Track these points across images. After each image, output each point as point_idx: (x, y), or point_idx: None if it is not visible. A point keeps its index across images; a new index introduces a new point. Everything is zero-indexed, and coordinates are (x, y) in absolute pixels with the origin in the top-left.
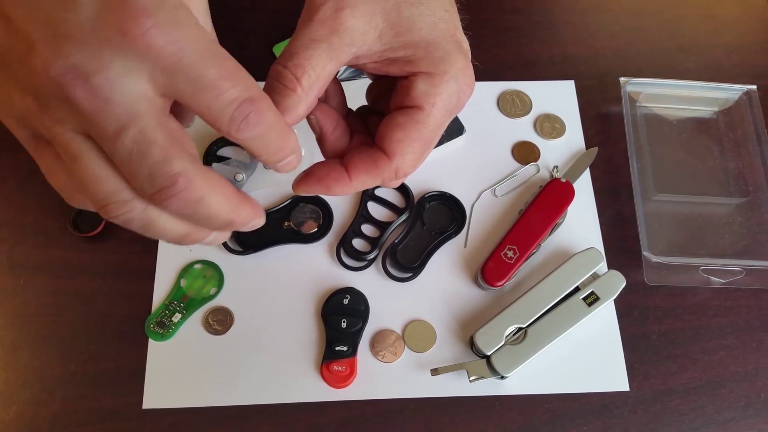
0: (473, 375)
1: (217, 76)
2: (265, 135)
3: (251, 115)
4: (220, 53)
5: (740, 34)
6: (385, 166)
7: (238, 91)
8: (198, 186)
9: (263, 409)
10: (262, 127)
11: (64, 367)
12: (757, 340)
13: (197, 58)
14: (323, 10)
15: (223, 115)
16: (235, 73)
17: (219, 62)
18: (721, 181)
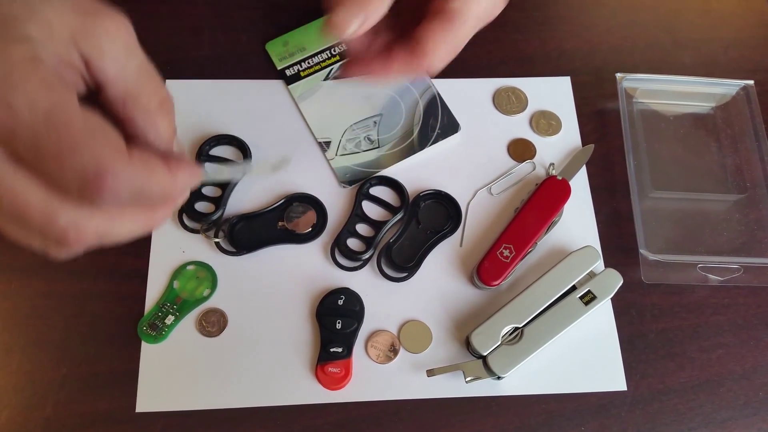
0: (469, 375)
1: (56, 151)
2: (133, 197)
3: (104, 191)
4: (65, 118)
5: (737, 28)
6: (418, 59)
7: (81, 163)
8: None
9: (257, 411)
10: (121, 196)
11: (56, 371)
12: (756, 338)
13: (30, 125)
14: None
15: (71, 187)
16: (78, 143)
17: (58, 133)
18: (718, 178)
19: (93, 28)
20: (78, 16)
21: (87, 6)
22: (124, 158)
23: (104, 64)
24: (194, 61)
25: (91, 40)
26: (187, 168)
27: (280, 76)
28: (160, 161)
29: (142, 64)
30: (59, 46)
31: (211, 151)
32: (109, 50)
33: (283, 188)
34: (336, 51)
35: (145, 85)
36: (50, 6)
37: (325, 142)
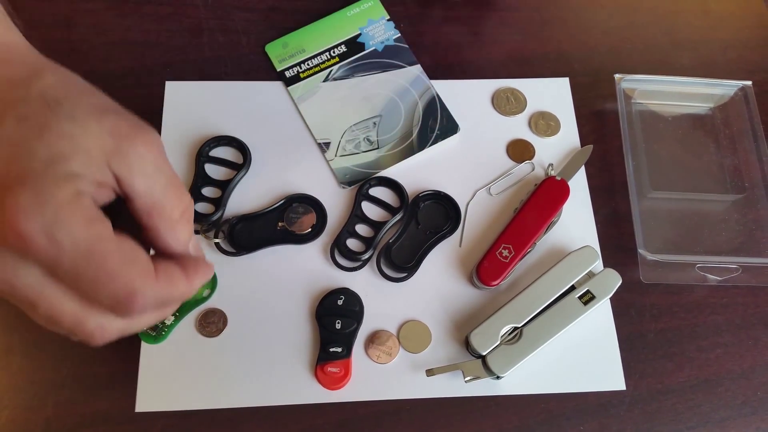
0: (469, 375)
1: (93, 279)
2: (156, 307)
3: (133, 309)
4: (103, 250)
5: (735, 29)
6: None
7: (115, 288)
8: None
9: (257, 411)
10: (147, 309)
11: (56, 371)
12: (754, 337)
13: (71, 258)
14: None
15: (103, 304)
16: (114, 271)
17: (96, 265)
18: (717, 178)
19: (126, 151)
20: (114, 140)
21: (123, 129)
22: (152, 279)
23: (134, 182)
24: (194, 62)
25: (124, 162)
26: (201, 271)
27: (280, 77)
28: (180, 272)
29: (168, 179)
30: (96, 171)
31: (211, 152)
32: (138, 170)
33: (282, 189)
34: (335, 53)
35: (170, 198)
36: (90, 134)
37: (325, 143)
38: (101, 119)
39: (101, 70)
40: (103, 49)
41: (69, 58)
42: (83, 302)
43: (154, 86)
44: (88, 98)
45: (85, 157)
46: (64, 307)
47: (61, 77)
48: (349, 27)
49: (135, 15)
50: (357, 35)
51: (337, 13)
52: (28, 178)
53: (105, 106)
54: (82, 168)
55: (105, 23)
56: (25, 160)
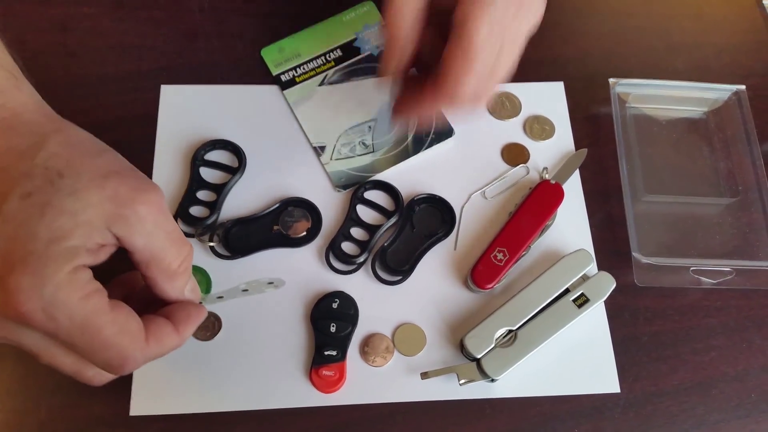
0: (463, 378)
1: (88, 348)
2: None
3: (124, 371)
4: (98, 324)
5: (729, 34)
6: (442, 87)
7: (108, 357)
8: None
9: (252, 415)
10: (137, 368)
11: (49, 375)
12: (748, 340)
13: (68, 332)
14: None
15: (98, 366)
16: (107, 342)
17: (91, 338)
18: (711, 182)
19: (126, 214)
20: (114, 206)
21: (123, 193)
22: (143, 345)
23: (133, 241)
24: (190, 66)
25: (124, 224)
26: (192, 321)
27: (276, 81)
28: (171, 329)
29: (167, 234)
30: (97, 236)
31: (206, 156)
32: (138, 230)
33: (278, 192)
34: (331, 57)
35: (168, 251)
36: (91, 206)
37: (320, 147)
38: (103, 186)
39: (97, 73)
40: (99, 53)
41: (65, 62)
42: (81, 359)
43: (150, 90)
44: (92, 162)
45: (85, 229)
46: (64, 360)
47: (65, 143)
48: (345, 32)
49: (131, 19)
50: (353, 40)
51: (333, 18)
52: (30, 258)
53: (108, 169)
54: (81, 240)
55: (101, 27)
56: (28, 240)
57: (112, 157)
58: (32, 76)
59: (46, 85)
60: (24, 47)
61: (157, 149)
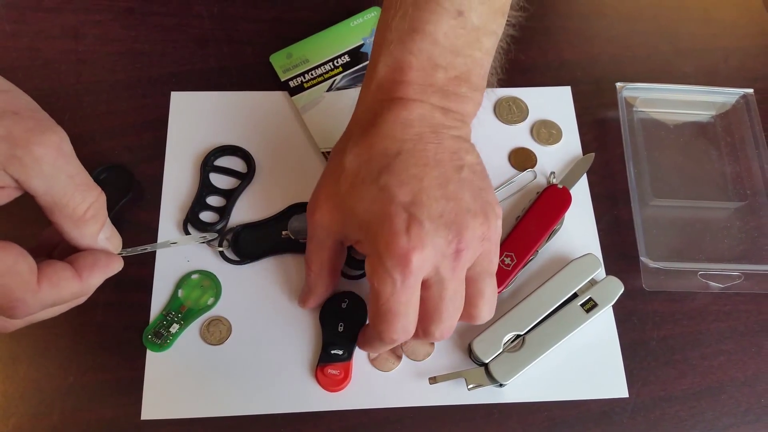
0: (471, 383)
1: None
2: (45, 307)
3: (16, 315)
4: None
5: (737, 37)
6: (371, 334)
7: None
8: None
9: (261, 418)
10: (32, 313)
11: (62, 379)
12: (757, 344)
13: None
14: (308, 212)
15: None
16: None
17: None
18: (719, 186)
19: (21, 155)
20: (7, 146)
21: (17, 133)
22: (32, 289)
23: (32, 184)
24: (199, 73)
25: (19, 166)
26: (99, 268)
27: (284, 87)
28: (70, 274)
29: (70, 177)
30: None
31: (215, 162)
32: (35, 173)
33: (286, 198)
34: (339, 63)
35: (72, 196)
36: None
37: (328, 153)
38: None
39: (108, 80)
40: (110, 59)
41: (77, 68)
42: None
43: (160, 96)
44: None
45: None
46: None
47: None
48: (353, 37)
49: (141, 26)
50: (360, 45)
51: (341, 23)
52: None
53: (2, 108)
54: None
55: (111, 34)
56: None
57: (11, 96)
58: (45, 83)
59: (58, 92)
60: (36, 55)
61: (168, 155)
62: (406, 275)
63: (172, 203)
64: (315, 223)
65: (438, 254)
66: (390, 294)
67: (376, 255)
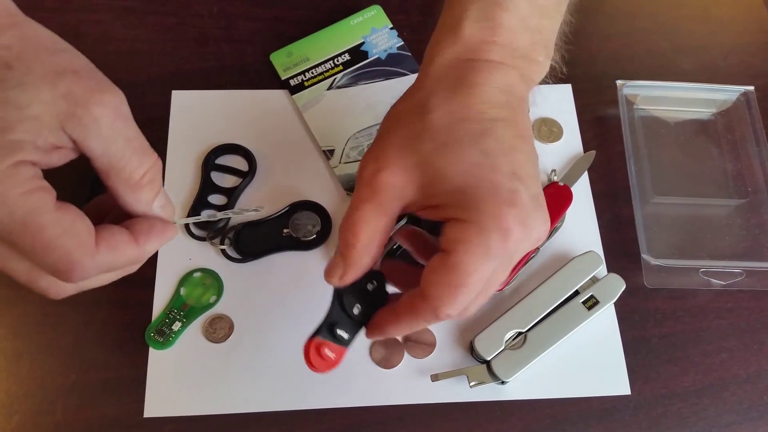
0: (473, 380)
1: (30, 248)
2: (101, 272)
3: (73, 278)
4: (39, 222)
5: (737, 34)
6: (421, 308)
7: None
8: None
9: (264, 416)
10: (89, 277)
11: (65, 377)
12: (759, 341)
13: (8, 228)
14: (366, 172)
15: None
16: (50, 243)
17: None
18: (719, 183)
19: (80, 115)
20: (67, 104)
21: (78, 92)
22: (91, 251)
23: (90, 144)
24: (200, 71)
25: (78, 125)
26: (156, 235)
27: (285, 85)
28: (128, 239)
29: (128, 140)
30: (48, 135)
31: (217, 160)
32: (93, 133)
33: (287, 196)
34: (339, 61)
35: (129, 160)
36: (40, 101)
37: (329, 151)
38: (55, 83)
39: (109, 79)
40: (111, 58)
41: None
42: (31, 265)
43: (161, 95)
44: (47, 59)
45: (32, 124)
46: (15, 265)
47: (20, 37)
48: (353, 36)
49: (142, 25)
50: (360, 44)
51: (341, 22)
52: None
53: (63, 68)
54: (28, 135)
55: (112, 33)
56: None
57: (71, 56)
58: None
59: None
60: None
61: (169, 154)
62: (503, 250)
63: (174, 202)
64: (379, 184)
65: (532, 237)
66: (476, 266)
67: (475, 224)
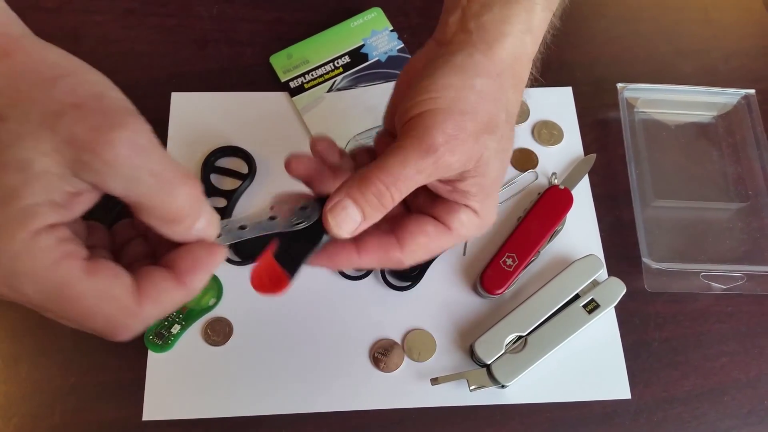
0: (473, 384)
1: (68, 319)
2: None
3: (120, 339)
4: (73, 293)
5: (738, 38)
6: (394, 255)
7: (95, 327)
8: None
9: (263, 420)
10: (136, 333)
11: (63, 379)
12: (760, 346)
13: (40, 303)
14: (439, 150)
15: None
16: (89, 312)
17: (68, 308)
18: (720, 186)
19: (88, 160)
20: (73, 151)
21: (81, 135)
22: (133, 312)
23: (110, 187)
24: (200, 74)
25: (89, 171)
26: (202, 268)
27: (284, 88)
28: (172, 284)
29: (153, 174)
30: (62, 187)
31: (216, 163)
32: (110, 176)
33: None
34: (339, 63)
35: (158, 196)
36: (42, 153)
37: None
38: (55, 127)
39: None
40: (111, 60)
41: None
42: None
43: (161, 97)
44: (43, 96)
45: (40, 183)
46: (60, 319)
47: (10, 73)
48: (353, 38)
49: (141, 27)
50: (360, 46)
51: (341, 24)
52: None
53: (62, 103)
54: (39, 197)
55: (112, 35)
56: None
57: (71, 84)
58: None
59: None
60: None
61: None
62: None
63: None
64: (444, 166)
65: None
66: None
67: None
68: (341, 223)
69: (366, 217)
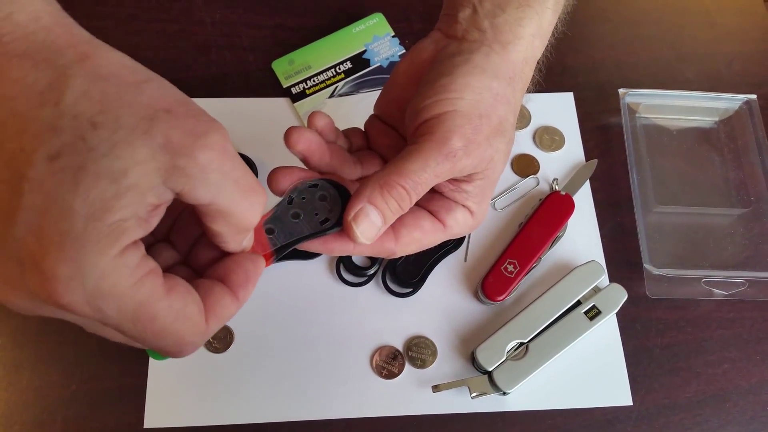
0: (475, 391)
1: (141, 338)
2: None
3: (182, 355)
4: (151, 313)
5: (740, 43)
6: (388, 247)
7: (164, 345)
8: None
9: (264, 427)
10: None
11: (65, 387)
12: (762, 352)
13: (117, 322)
14: (458, 155)
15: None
16: (162, 331)
17: (144, 328)
18: (722, 192)
19: (184, 165)
20: (168, 156)
21: (177, 139)
22: (202, 330)
23: (197, 195)
24: (202, 79)
25: (182, 177)
26: (252, 281)
27: (286, 93)
28: (230, 301)
29: (237, 182)
30: (151, 198)
31: None
32: (201, 183)
33: None
34: (341, 69)
35: (239, 204)
36: (138, 162)
37: None
38: (150, 132)
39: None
40: None
41: None
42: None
43: None
44: (133, 99)
45: (132, 196)
46: (114, 336)
47: (94, 76)
48: (355, 44)
49: (143, 32)
50: (362, 51)
51: (343, 30)
52: (66, 241)
53: (154, 107)
54: (128, 211)
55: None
56: (61, 217)
57: (156, 87)
58: None
59: None
60: None
61: None
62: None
63: None
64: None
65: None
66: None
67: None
68: (365, 232)
69: (386, 222)
